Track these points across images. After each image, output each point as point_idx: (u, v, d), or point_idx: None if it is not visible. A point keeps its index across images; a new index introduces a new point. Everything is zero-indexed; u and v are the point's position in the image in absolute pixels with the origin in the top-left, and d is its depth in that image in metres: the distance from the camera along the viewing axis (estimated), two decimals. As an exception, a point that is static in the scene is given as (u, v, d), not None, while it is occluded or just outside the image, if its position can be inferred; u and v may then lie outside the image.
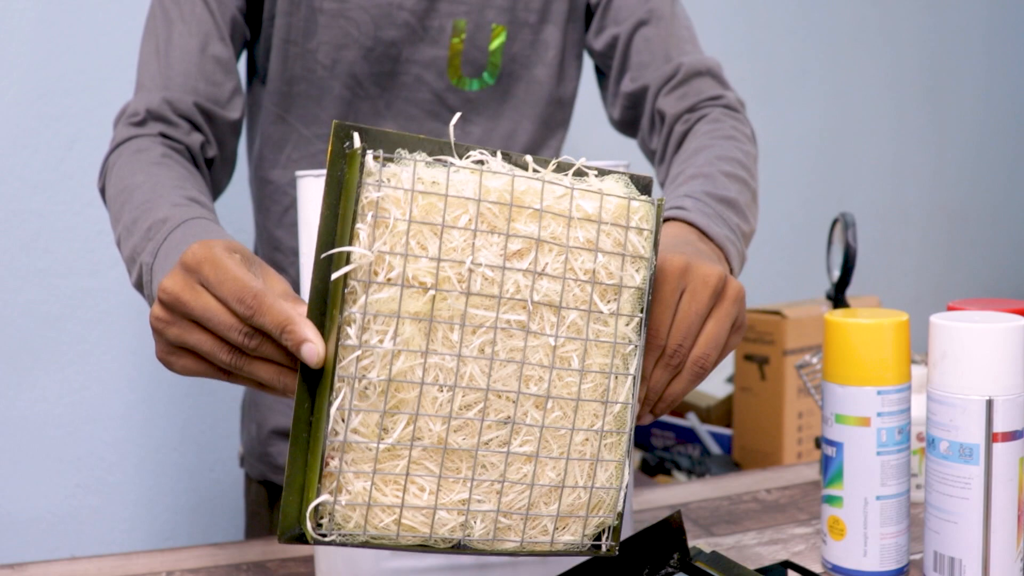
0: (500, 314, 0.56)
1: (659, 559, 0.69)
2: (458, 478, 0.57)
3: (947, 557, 0.72)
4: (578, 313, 0.58)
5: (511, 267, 0.56)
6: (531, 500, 0.58)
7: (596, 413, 0.60)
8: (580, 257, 0.58)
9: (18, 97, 1.53)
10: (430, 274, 0.55)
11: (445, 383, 0.56)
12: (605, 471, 0.61)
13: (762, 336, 1.65)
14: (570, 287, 0.58)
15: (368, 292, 0.54)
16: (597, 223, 0.58)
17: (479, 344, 0.56)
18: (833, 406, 0.77)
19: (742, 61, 2.11)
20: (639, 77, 1.02)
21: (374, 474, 0.55)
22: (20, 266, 1.55)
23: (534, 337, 0.57)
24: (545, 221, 0.57)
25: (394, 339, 0.54)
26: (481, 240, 0.56)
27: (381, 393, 0.54)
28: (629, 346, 0.61)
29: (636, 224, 0.60)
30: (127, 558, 0.86)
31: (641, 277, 0.60)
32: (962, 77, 2.46)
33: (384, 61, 1.04)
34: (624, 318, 0.60)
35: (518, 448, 0.58)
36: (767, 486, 1.02)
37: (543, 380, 0.58)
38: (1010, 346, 0.70)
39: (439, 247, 0.55)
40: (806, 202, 2.26)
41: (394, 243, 0.54)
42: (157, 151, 0.89)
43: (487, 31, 1.05)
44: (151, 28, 0.98)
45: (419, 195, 0.54)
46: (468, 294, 0.55)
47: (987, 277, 2.55)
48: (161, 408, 1.66)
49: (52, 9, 1.54)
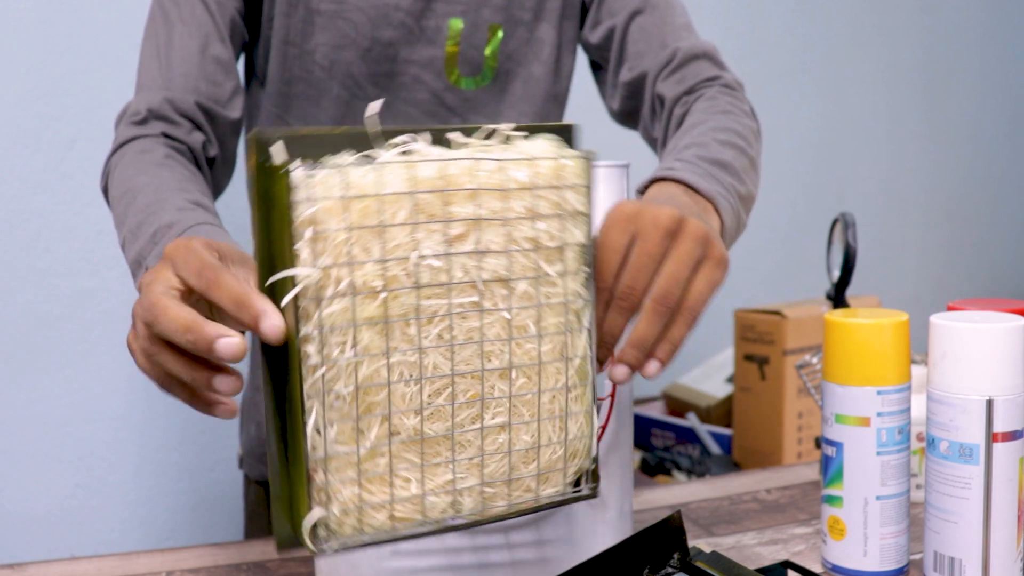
0: (452, 300, 0.57)
1: (659, 559, 0.69)
2: (439, 462, 0.57)
3: (947, 557, 0.73)
4: (527, 281, 0.59)
5: (456, 252, 0.56)
6: (511, 465, 0.60)
7: (559, 371, 0.61)
8: (521, 227, 0.58)
9: (18, 97, 1.53)
10: (378, 276, 0.54)
11: (411, 377, 0.56)
12: (575, 422, 0.62)
13: (762, 336, 1.65)
14: (516, 258, 0.58)
15: (321, 309, 0.53)
16: (532, 190, 0.58)
17: (437, 332, 0.56)
18: (833, 406, 0.77)
19: (741, 61, 2.11)
20: (637, 65, 1.03)
21: (360, 477, 0.55)
22: (20, 266, 1.55)
23: (488, 314, 0.58)
24: (482, 199, 0.57)
25: (354, 347, 0.54)
26: (422, 232, 0.55)
27: (352, 401, 0.54)
28: (579, 301, 0.61)
29: (571, 182, 0.60)
30: (127, 558, 0.86)
31: (582, 233, 0.61)
32: (959, 76, 2.46)
33: (382, 62, 1.04)
34: (571, 276, 0.61)
35: (491, 422, 0.59)
36: (767, 486, 1.02)
37: (504, 353, 0.59)
38: (1010, 346, 0.70)
39: (382, 248, 0.54)
40: (806, 202, 2.26)
41: (337, 254, 0.53)
42: (160, 152, 0.90)
43: (483, 30, 1.05)
44: (151, 30, 0.98)
45: (354, 200, 0.53)
46: (419, 287, 0.55)
47: (987, 277, 2.55)
48: (161, 408, 1.66)
49: (52, 9, 1.54)
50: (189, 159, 0.93)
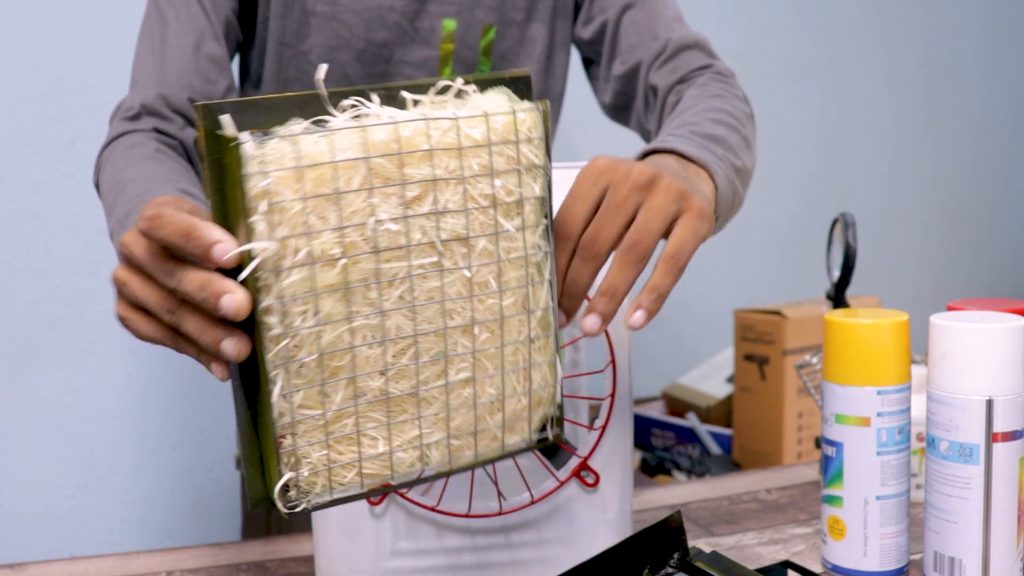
0: (412, 261, 0.56)
1: (659, 559, 0.69)
2: (405, 419, 0.58)
3: (947, 557, 0.72)
4: (486, 238, 0.59)
5: (413, 214, 0.56)
6: (476, 417, 0.60)
7: (521, 323, 0.61)
8: (478, 185, 0.58)
9: (18, 97, 1.53)
10: (336, 244, 0.54)
11: (374, 340, 0.56)
12: (539, 372, 0.62)
13: (762, 336, 1.65)
14: (474, 216, 0.58)
15: (280, 280, 0.53)
16: (488, 146, 0.58)
17: (398, 295, 0.56)
18: (833, 406, 0.77)
19: (741, 61, 2.10)
20: (629, 58, 1.03)
21: (328, 439, 0.56)
22: (20, 266, 1.55)
23: (449, 273, 0.58)
24: (437, 158, 0.57)
25: (316, 315, 0.54)
26: (378, 196, 0.55)
27: (317, 367, 0.55)
28: (540, 253, 0.61)
29: (526, 136, 0.59)
30: (127, 558, 0.86)
31: (539, 185, 0.61)
32: (960, 76, 2.46)
33: (376, 62, 1.05)
34: (530, 229, 0.60)
35: (455, 377, 0.59)
36: (767, 486, 1.02)
37: (466, 310, 0.59)
38: (1010, 346, 0.70)
39: (339, 216, 0.54)
40: (806, 202, 2.26)
41: (293, 224, 0.53)
42: (151, 146, 0.90)
43: (477, 30, 1.06)
44: (146, 28, 0.99)
45: (307, 169, 0.53)
46: (377, 252, 0.55)
47: (987, 277, 2.55)
48: (160, 408, 1.66)
49: (52, 9, 1.54)
50: (181, 154, 0.94)
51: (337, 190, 0.53)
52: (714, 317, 2.05)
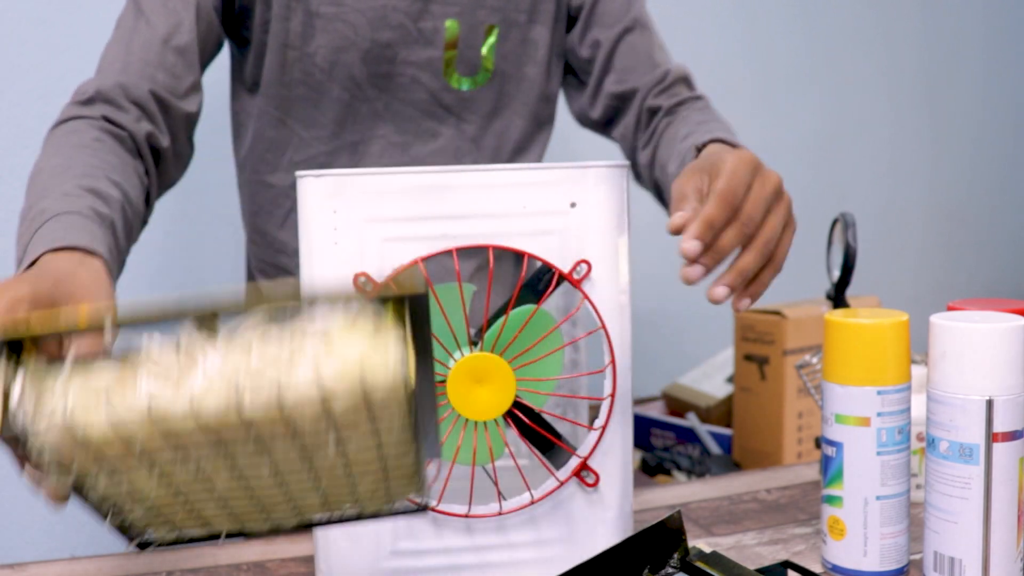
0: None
1: (659, 559, 0.69)
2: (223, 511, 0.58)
3: (947, 557, 0.72)
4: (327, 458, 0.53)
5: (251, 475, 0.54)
6: (322, 495, 0.58)
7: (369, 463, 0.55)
8: (321, 452, 0.52)
9: (18, 97, 1.53)
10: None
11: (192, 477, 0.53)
12: (399, 469, 0.56)
13: (762, 336, 1.65)
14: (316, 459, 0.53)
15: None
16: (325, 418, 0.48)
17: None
18: (833, 406, 0.77)
19: (741, 62, 2.11)
20: (627, 79, 1.10)
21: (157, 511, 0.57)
22: (20, 266, 1.55)
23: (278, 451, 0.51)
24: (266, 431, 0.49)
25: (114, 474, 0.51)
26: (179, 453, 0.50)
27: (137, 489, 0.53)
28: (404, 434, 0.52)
29: (382, 400, 0.48)
30: (127, 558, 0.86)
31: (399, 426, 0.51)
32: (960, 77, 2.46)
33: (381, 63, 1.05)
34: (395, 428, 0.52)
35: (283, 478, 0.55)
36: (767, 486, 1.02)
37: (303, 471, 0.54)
38: (1010, 346, 0.70)
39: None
40: (806, 202, 2.24)
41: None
42: (90, 134, 0.88)
43: (480, 31, 1.07)
44: (121, 19, 0.99)
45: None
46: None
47: (987, 277, 2.55)
48: (161, 408, 1.66)
49: (52, 9, 1.54)
50: (127, 146, 0.91)
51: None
52: (714, 317, 2.05)
